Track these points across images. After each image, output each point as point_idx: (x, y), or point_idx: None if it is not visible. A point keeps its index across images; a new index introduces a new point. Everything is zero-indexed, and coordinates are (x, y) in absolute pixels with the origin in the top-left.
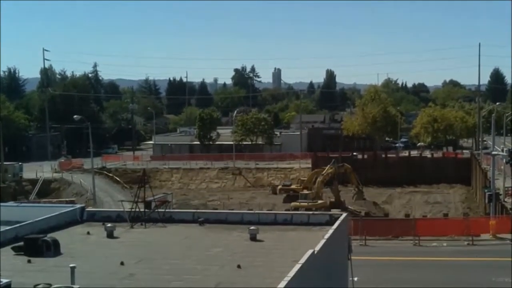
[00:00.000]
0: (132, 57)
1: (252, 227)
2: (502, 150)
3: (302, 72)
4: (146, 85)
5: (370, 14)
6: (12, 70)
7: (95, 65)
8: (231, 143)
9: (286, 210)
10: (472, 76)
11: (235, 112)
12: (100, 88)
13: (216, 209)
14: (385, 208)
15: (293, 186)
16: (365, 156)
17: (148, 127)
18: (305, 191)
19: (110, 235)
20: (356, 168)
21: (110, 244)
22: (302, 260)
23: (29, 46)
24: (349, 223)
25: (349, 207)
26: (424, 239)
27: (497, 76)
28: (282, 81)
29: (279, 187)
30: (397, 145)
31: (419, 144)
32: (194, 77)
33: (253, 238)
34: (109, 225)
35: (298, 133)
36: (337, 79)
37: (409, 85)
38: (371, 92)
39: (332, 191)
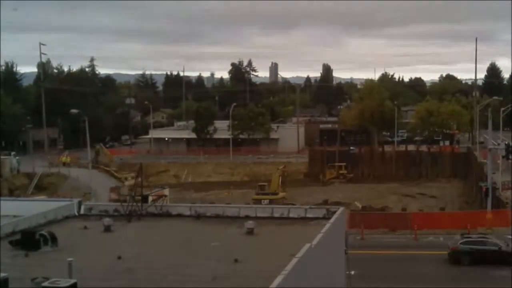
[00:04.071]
0: (129, 51)
1: (249, 221)
2: (499, 144)
3: (299, 66)
4: (143, 79)
5: (369, 9)
6: (9, 65)
7: (92, 59)
8: (228, 137)
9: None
10: (469, 70)
11: (232, 106)
12: (97, 82)
13: (213, 203)
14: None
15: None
16: (362, 151)
17: (145, 121)
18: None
19: (107, 229)
20: (353, 163)
21: (107, 238)
22: (299, 254)
23: (26, 40)
24: (346, 217)
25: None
26: (420, 232)
27: (493, 71)
28: (279, 76)
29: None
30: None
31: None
32: (191, 71)
33: (250, 232)
34: (106, 219)
35: (295, 127)
36: (334, 74)
37: (406, 79)
38: (368, 86)
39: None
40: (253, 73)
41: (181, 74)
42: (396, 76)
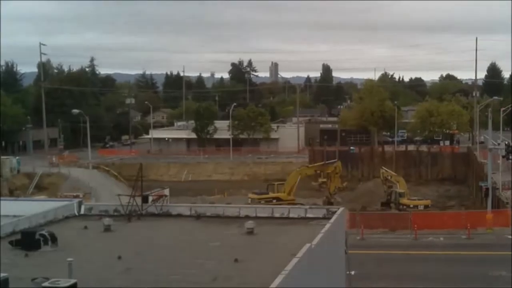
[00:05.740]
0: (129, 51)
1: (249, 221)
2: (499, 144)
3: (299, 66)
4: (143, 79)
5: (369, 9)
6: (9, 64)
7: (92, 59)
8: (228, 137)
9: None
10: (469, 70)
11: (232, 106)
12: (97, 82)
13: (213, 203)
14: None
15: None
16: (362, 151)
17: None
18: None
19: (107, 229)
20: (353, 163)
21: (107, 238)
22: (300, 254)
23: (26, 40)
24: (346, 217)
25: None
26: (420, 232)
27: (493, 71)
28: (279, 75)
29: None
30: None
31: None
32: (191, 71)
33: (250, 232)
34: (106, 219)
35: (295, 127)
36: (334, 74)
37: (406, 79)
38: (368, 86)
39: None
40: (253, 73)
41: (181, 74)
42: (396, 76)
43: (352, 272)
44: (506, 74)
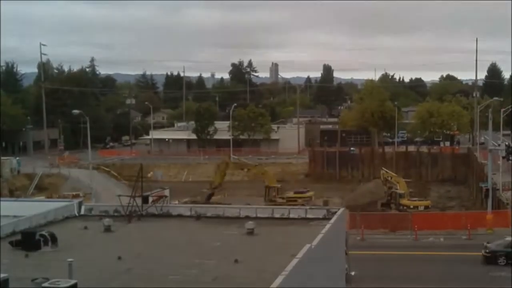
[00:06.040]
0: (130, 52)
1: (249, 222)
2: (499, 145)
3: (300, 66)
4: (143, 79)
5: (369, 9)
6: (9, 65)
7: (92, 60)
8: (229, 138)
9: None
10: (470, 71)
11: (233, 106)
12: (97, 82)
13: (213, 203)
14: None
15: None
16: (363, 151)
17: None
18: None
19: (107, 229)
20: (353, 164)
21: (107, 239)
22: (300, 255)
23: (26, 39)
24: (347, 217)
25: None
26: (421, 233)
27: (494, 71)
28: (279, 76)
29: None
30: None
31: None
32: (191, 72)
33: (250, 232)
34: (106, 219)
35: (295, 128)
36: (334, 74)
37: (406, 80)
38: (368, 86)
39: None
40: (253, 73)
41: (181, 74)
42: (397, 77)
43: (352, 273)
44: (506, 75)
